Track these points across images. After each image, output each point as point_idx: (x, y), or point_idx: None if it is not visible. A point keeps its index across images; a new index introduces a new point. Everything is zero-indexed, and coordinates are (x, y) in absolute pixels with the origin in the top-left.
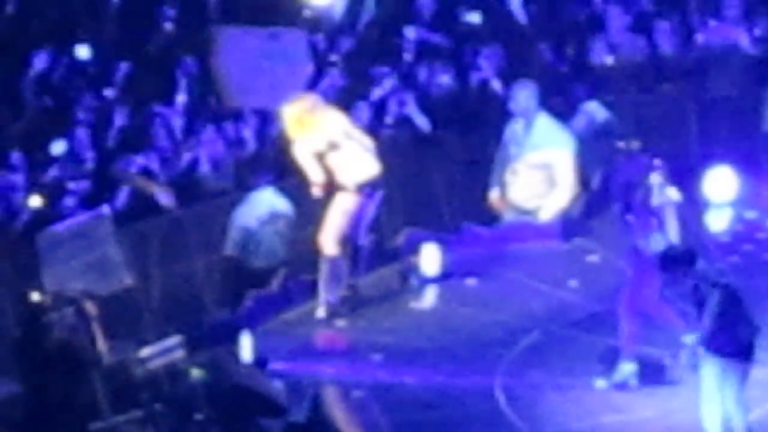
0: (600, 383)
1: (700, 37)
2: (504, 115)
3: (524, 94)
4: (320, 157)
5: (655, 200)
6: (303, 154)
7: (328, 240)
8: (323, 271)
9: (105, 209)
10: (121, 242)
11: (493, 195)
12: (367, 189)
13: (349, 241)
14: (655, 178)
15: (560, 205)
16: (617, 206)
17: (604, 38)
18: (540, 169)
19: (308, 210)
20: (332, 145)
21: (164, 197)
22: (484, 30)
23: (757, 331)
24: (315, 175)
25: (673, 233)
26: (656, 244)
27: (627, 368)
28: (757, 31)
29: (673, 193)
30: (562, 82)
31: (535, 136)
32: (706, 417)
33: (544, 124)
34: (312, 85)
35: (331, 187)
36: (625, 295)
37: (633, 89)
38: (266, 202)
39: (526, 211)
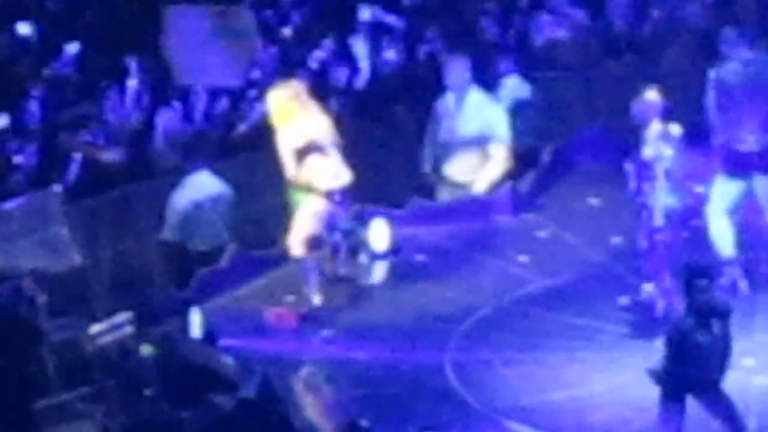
0: (623, 300)
1: (655, 12)
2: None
3: (457, 69)
4: (299, 154)
5: (648, 152)
6: (284, 146)
7: (295, 241)
8: (301, 271)
9: (55, 188)
10: (70, 218)
11: (426, 170)
12: (337, 195)
13: (319, 243)
14: (653, 131)
15: (493, 178)
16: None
17: (553, 12)
18: (473, 143)
19: (253, 188)
20: (311, 145)
21: (111, 154)
22: (432, 5)
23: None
24: (290, 170)
25: (660, 189)
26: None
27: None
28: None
29: (667, 151)
30: (507, 57)
31: (467, 110)
32: None
33: (476, 98)
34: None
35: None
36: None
37: (582, 64)
38: (203, 185)
39: (460, 185)
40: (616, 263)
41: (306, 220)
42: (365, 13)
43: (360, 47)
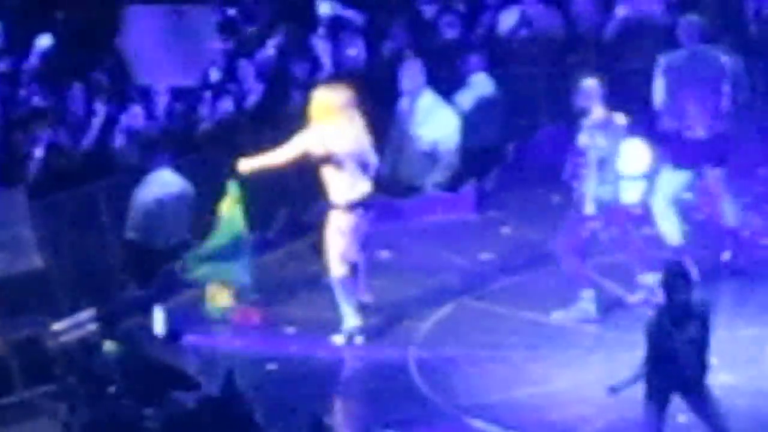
0: (556, 315)
1: (621, 10)
2: None
3: (411, 72)
4: (316, 162)
5: (582, 140)
6: (299, 142)
7: (333, 261)
8: (337, 294)
9: (19, 188)
10: (32, 216)
11: (384, 171)
12: (359, 208)
13: (351, 259)
14: (592, 119)
15: (440, 183)
16: None
17: (517, 10)
18: (423, 147)
19: (215, 185)
20: (329, 157)
21: None
22: (393, 2)
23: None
24: (277, 157)
25: (591, 178)
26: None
27: (586, 296)
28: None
29: (600, 140)
30: (469, 54)
31: (419, 113)
32: None
33: (429, 101)
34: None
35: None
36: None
37: (545, 61)
38: (165, 182)
39: (413, 189)
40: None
41: (334, 237)
42: (325, 8)
43: (320, 42)
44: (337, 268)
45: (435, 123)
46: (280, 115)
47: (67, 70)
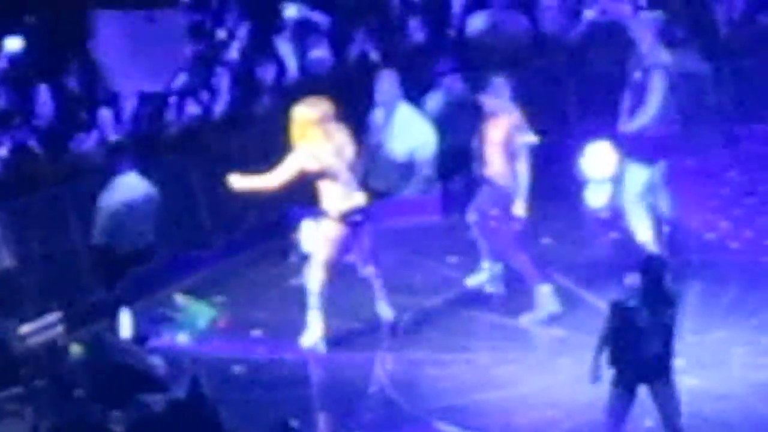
0: (524, 319)
1: (589, 13)
2: None
3: (386, 84)
4: (311, 178)
5: (518, 142)
6: (292, 162)
7: (314, 267)
8: (309, 300)
9: None
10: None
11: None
12: (351, 218)
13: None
14: (515, 119)
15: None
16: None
17: (484, 14)
18: (399, 159)
19: (181, 189)
20: (324, 171)
21: None
22: (360, 5)
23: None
24: (272, 180)
25: (523, 173)
26: (507, 181)
27: (544, 290)
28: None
29: (530, 137)
30: (437, 58)
31: (395, 126)
32: None
33: (405, 114)
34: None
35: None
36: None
37: (512, 65)
38: (131, 186)
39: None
40: (545, 264)
41: (321, 245)
42: (291, 11)
43: (286, 45)
44: (317, 273)
45: (412, 136)
46: (247, 119)
47: (35, 73)
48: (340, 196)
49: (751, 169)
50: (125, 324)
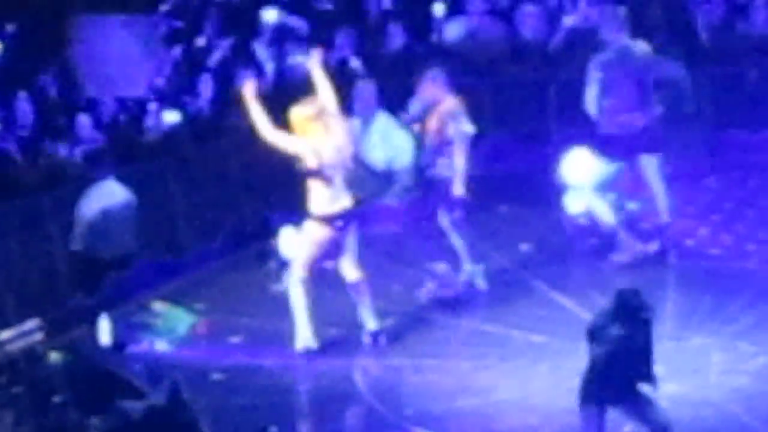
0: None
1: (568, 20)
2: None
3: (364, 96)
4: (308, 174)
5: (451, 130)
6: (293, 138)
7: (296, 268)
8: (292, 302)
9: None
10: None
11: None
12: (335, 221)
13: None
14: (445, 108)
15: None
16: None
17: (463, 20)
18: (377, 168)
19: (160, 196)
20: (319, 169)
21: None
22: (339, 11)
23: None
24: (267, 130)
25: (459, 163)
26: (443, 170)
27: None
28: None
29: (468, 127)
30: (417, 65)
31: (373, 136)
32: None
33: (383, 124)
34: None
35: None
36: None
37: (491, 72)
38: (109, 192)
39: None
40: (524, 270)
41: (304, 246)
42: (270, 16)
43: (263, 51)
44: (298, 273)
45: (390, 146)
46: (225, 125)
47: (13, 78)
48: (327, 199)
49: (730, 176)
50: (104, 330)
